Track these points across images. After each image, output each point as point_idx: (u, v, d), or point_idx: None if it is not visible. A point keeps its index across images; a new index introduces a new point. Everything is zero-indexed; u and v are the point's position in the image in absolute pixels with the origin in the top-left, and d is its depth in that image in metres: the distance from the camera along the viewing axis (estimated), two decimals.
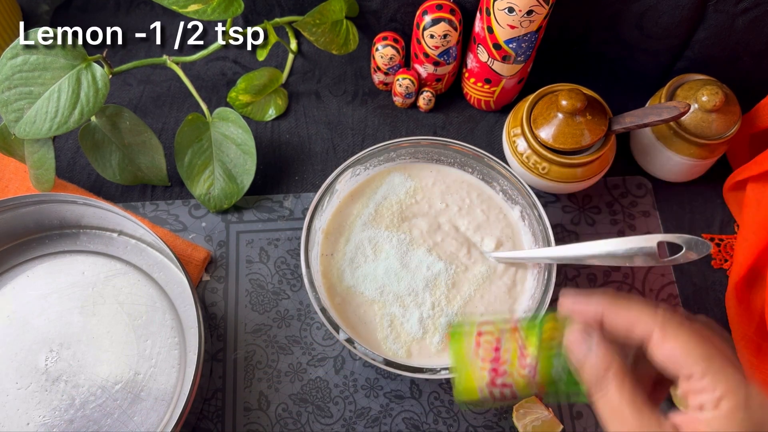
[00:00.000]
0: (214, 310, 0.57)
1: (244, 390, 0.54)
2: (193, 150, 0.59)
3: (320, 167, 0.64)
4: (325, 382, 0.54)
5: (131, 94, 0.67)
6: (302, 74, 0.68)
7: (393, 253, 0.53)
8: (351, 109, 0.67)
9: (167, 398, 0.51)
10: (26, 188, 0.60)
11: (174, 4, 0.54)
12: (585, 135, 0.54)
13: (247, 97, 0.64)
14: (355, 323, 0.51)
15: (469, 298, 0.52)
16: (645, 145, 0.61)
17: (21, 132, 0.51)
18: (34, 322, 0.53)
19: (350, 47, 0.64)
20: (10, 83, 0.51)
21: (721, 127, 0.57)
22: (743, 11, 0.55)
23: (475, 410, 0.54)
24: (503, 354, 0.35)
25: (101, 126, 0.57)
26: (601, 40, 0.63)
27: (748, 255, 0.56)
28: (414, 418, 0.53)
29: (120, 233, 0.57)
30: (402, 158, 0.56)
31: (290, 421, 0.53)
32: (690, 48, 0.60)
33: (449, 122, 0.66)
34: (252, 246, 0.59)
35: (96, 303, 0.54)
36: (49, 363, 0.52)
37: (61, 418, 0.50)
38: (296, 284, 0.58)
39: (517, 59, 0.58)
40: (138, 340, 0.53)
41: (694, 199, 0.63)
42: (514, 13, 0.53)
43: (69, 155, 0.63)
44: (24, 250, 0.56)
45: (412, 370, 0.47)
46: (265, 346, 0.55)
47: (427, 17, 0.58)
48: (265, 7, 0.66)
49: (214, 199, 0.59)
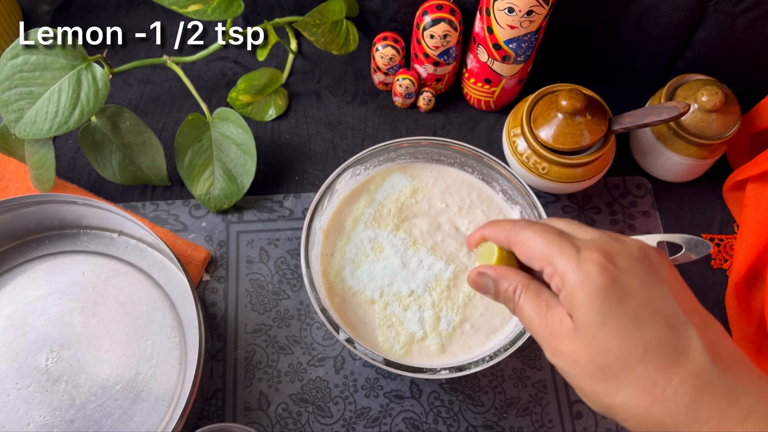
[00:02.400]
0: (214, 310, 0.57)
1: (244, 390, 0.54)
2: (193, 150, 0.59)
3: (320, 167, 0.64)
4: (325, 382, 0.54)
5: (131, 94, 0.67)
6: (302, 74, 0.68)
7: (393, 253, 0.53)
8: (351, 109, 0.67)
9: (168, 398, 0.51)
10: (26, 188, 0.60)
11: (174, 4, 0.54)
12: (585, 135, 0.54)
13: (248, 97, 0.64)
14: (355, 323, 0.51)
15: (469, 298, 0.52)
16: (645, 145, 0.61)
17: (21, 132, 0.51)
18: (35, 322, 0.53)
19: (350, 47, 0.64)
20: (10, 83, 0.51)
21: (721, 127, 0.57)
22: (743, 11, 0.55)
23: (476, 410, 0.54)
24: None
25: (101, 126, 0.57)
26: (601, 40, 0.63)
27: (748, 255, 0.56)
28: (414, 418, 0.54)
29: (120, 233, 0.57)
30: (402, 158, 0.56)
31: (290, 421, 0.53)
32: (690, 48, 0.60)
33: (449, 122, 0.66)
34: (252, 246, 0.59)
35: (96, 303, 0.54)
36: (50, 363, 0.52)
37: (61, 418, 0.50)
38: (296, 284, 0.58)
39: (517, 59, 0.58)
40: (138, 340, 0.53)
41: (694, 199, 0.63)
42: (514, 13, 0.53)
43: (69, 155, 0.63)
44: (24, 250, 0.56)
45: (412, 370, 0.47)
46: (265, 346, 0.56)
47: (427, 17, 0.58)
48: (265, 7, 0.66)
49: (214, 199, 0.59)
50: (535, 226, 0.35)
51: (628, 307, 0.31)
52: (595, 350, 0.31)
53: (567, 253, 0.32)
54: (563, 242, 0.33)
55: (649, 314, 0.31)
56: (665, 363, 0.30)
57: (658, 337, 0.30)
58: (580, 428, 0.54)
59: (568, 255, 0.32)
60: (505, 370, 0.55)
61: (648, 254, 0.33)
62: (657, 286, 0.32)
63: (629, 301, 0.31)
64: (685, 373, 0.30)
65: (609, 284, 0.31)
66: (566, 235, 0.34)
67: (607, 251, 0.32)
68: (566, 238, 0.33)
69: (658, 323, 0.30)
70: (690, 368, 0.30)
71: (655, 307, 0.31)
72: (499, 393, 0.55)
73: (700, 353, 0.30)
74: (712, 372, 0.30)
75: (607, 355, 0.31)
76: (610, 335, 0.31)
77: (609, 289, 0.31)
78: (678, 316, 0.31)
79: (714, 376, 0.30)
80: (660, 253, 0.34)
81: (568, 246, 0.33)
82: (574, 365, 0.32)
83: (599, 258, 0.31)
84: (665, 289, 0.32)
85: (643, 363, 0.30)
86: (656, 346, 0.30)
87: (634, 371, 0.30)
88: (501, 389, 0.55)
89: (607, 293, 0.31)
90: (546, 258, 0.33)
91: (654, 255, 0.33)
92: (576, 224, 0.36)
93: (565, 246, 0.33)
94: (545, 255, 0.33)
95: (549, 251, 0.33)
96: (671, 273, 0.33)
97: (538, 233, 0.34)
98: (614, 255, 0.32)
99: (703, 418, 0.29)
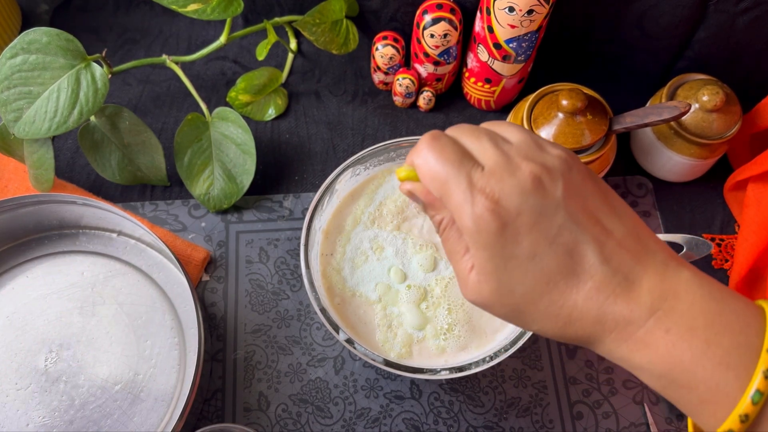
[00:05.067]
0: (214, 311, 0.57)
1: (244, 390, 0.54)
2: (192, 150, 0.59)
3: (320, 167, 0.63)
4: (325, 383, 0.54)
5: (131, 94, 0.67)
6: (302, 74, 0.68)
7: (393, 253, 0.53)
8: (351, 108, 0.67)
9: (167, 399, 0.51)
10: (26, 188, 0.59)
11: (174, 4, 0.54)
12: (585, 135, 0.54)
13: (247, 96, 0.64)
14: (354, 323, 0.51)
15: None
16: (645, 144, 0.61)
17: (20, 132, 0.51)
18: (34, 322, 0.53)
19: (350, 47, 0.64)
20: (9, 83, 0.51)
21: (722, 127, 0.56)
22: (744, 11, 0.55)
23: (476, 411, 0.54)
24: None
25: (101, 126, 0.57)
26: (602, 39, 0.63)
27: (748, 255, 0.56)
28: (414, 418, 0.53)
29: (119, 233, 0.57)
30: (402, 158, 0.56)
31: (290, 421, 0.53)
32: (690, 48, 0.60)
33: (449, 122, 0.66)
34: (252, 246, 0.59)
35: (95, 303, 0.54)
36: (49, 364, 0.51)
37: (60, 418, 0.50)
38: (296, 284, 0.58)
39: (518, 59, 0.58)
40: (138, 340, 0.53)
41: (694, 199, 0.63)
42: (515, 12, 0.53)
43: (68, 155, 0.63)
44: (23, 250, 0.56)
45: (412, 370, 0.47)
46: (264, 347, 0.55)
47: (427, 17, 0.58)
48: (265, 7, 0.66)
49: (214, 199, 0.59)
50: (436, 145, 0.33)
51: (523, 246, 0.31)
52: (500, 293, 0.32)
53: (462, 193, 0.31)
54: (461, 176, 0.31)
55: (545, 248, 0.31)
56: (567, 287, 0.31)
57: (556, 266, 0.31)
58: (580, 428, 0.53)
59: (463, 195, 0.31)
60: (505, 371, 0.55)
61: (541, 182, 0.31)
62: (551, 213, 0.31)
63: (523, 240, 0.31)
64: (587, 290, 0.31)
65: (501, 228, 0.31)
66: (466, 162, 0.32)
67: (498, 193, 0.31)
68: (465, 168, 0.32)
69: (555, 253, 0.31)
70: (591, 284, 0.31)
71: (550, 237, 0.31)
72: (499, 393, 0.55)
73: (598, 268, 0.31)
74: (614, 282, 0.30)
75: (512, 296, 0.32)
76: (511, 277, 0.32)
77: (502, 233, 0.31)
78: (575, 238, 0.31)
79: (616, 285, 0.30)
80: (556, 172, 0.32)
81: (465, 183, 0.31)
82: (486, 308, 0.33)
83: (490, 203, 0.31)
84: (561, 214, 0.31)
85: (548, 294, 0.31)
86: (556, 276, 0.31)
87: (541, 304, 0.31)
88: (501, 390, 0.55)
89: (502, 236, 0.31)
90: (443, 191, 0.32)
91: (548, 178, 0.31)
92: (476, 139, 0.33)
93: (462, 182, 0.31)
94: (443, 187, 0.32)
95: (446, 185, 0.32)
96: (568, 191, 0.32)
97: (438, 157, 0.32)
98: (505, 194, 0.31)
99: (609, 326, 0.31)
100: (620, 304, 0.30)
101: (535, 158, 0.32)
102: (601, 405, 0.54)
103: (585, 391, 0.55)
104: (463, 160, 0.32)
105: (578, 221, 0.31)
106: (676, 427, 0.54)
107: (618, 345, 0.31)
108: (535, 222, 0.31)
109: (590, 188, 0.33)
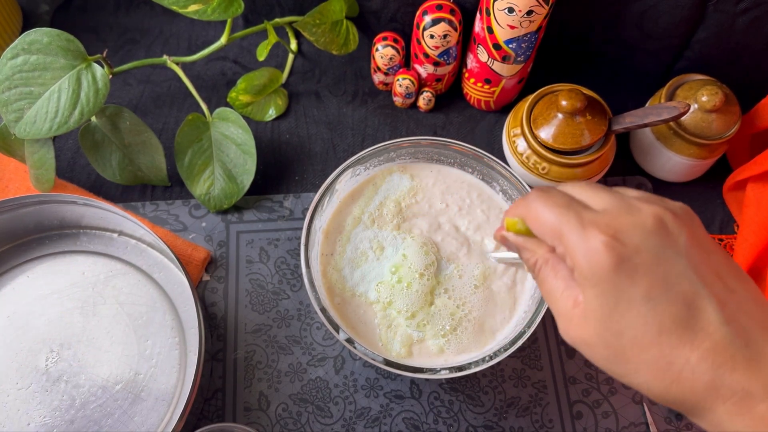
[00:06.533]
0: (214, 310, 0.57)
1: (244, 390, 0.54)
2: (193, 150, 0.59)
3: (320, 167, 0.64)
4: (325, 382, 0.54)
5: (131, 94, 0.67)
6: (302, 74, 0.68)
7: (393, 253, 0.53)
8: (351, 109, 0.67)
9: (167, 398, 0.51)
10: (26, 188, 0.60)
11: (174, 4, 0.54)
12: (585, 135, 0.54)
13: (247, 97, 0.64)
14: (355, 323, 0.51)
15: (469, 298, 0.52)
16: (645, 145, 0.61)
17: (21, 132, 0.51)
18: (35, 322, 0.53)
19: (350, 47, 0.64)
20: (10, 83, 0.51)
21: (721, 127, 0.57)
22: (743, 11, 0.55)
23: (476, 410, 0.54)
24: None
25: (101, 126, 0.57)
26: (601, 40, 0.63)
27: (748, 255, 0.56)
28: (414, 418, 0.53)
29: (120, 233, 0.57)
30: (402, 158, 0.56)
31: (290, 421, 0.53)
32: (690, 48, 0.60)
33: (449, 122, 0.66)
34: (252, 246, 0.59)
35: (96, 303, 0.54)
36: (50, 363, 0.52)
37: (61, 418, 0.50)
38: (296, 284, 0.58)
39: (517, 59, 0.58)
40: (138, 340, 0.53)
41: (694, 199, 0.63)
42: (514, 13, 0.53)
43: (69, 155, 0.63)
44: (24, 250, 0.56)
45: (412, 370, 0.47)
46: (265, 346, 0.56)
47: (427, 17, 0.58)
48: (265, 7, 0.66)
49: (214, 199, 0.59)
50: (544, 196, 0.33)
51: (639, 286, 0.29)
52: (607, 334, 0.30)
53: (575, 230, 0.30)
54: (571, 216, 0.31)
55: (662, 292, 0.29)
56: (681, 342, 0.28)
57: (672, 315, 0.29)
58: (580, 428, 0.54)
59: (576, 232, 0.30)
60: (505, 371, 0.55)
61: (664, 224, 0.30)
62: (672, 259, 0.29)
63: (640, 280, 0.29)
64: (703, 350, 0.28)
65: (617, 264, 0.29)
66: (576, 205, 0.32)
67: (615, 228, 0.30)
68: (575, 209, 0.31)
69: (672, 301, 0.29)
70: (708, 345, 0.28)
71: (669, 283, 0.29)
72: (499, 393, 0.55)
73: (718, 328, 0.28)
74: (734, 346, 0.28)
75: (619, 338, 0.30)
76: (621, 318, 0.29)
77: (617, 270, 0.29)
78: (696, 290, 0.29)
79: (736, 350, 0.28)
80: (681, 219, 0.31)
81: (576, 221, 0.31)
82: (587, 348, 0.31)
83: (606, 237, 0.29)
84: (682, 262, 0.30)
85: (657, 344, 0.29)
86: (671, 326, 0.29)
87: (648, 353, 0.29)
88: (501, 389, 0.55)
89: (616, 274, 0.29)
90: (555, 234, 0.32)
91: (672, 223, 0.30)
92: (590, 189, 0.33)
93: (573, 221, 0.31)
94: (555, 230, 0.32)
95: (557, 227, 0.31)
96: (692, 240, 0.31)
97: (547, 205, 0.32)
98: (624, 231, 0.30)
99: (725, 394, 0.28)
100: (739, 372, 0.28)
101: (658, 202, 0.31)
102: (600, 404, 0.54)
103: (585, 391, 0.55)
104: (572, 203, 0.32)
105: (701, 274, 0.30)
106: (676, 427, 0.54)
107: (732, 417, 0.28)
108: (655, 264, 0.29)
109: (713, 245, 0.31)
